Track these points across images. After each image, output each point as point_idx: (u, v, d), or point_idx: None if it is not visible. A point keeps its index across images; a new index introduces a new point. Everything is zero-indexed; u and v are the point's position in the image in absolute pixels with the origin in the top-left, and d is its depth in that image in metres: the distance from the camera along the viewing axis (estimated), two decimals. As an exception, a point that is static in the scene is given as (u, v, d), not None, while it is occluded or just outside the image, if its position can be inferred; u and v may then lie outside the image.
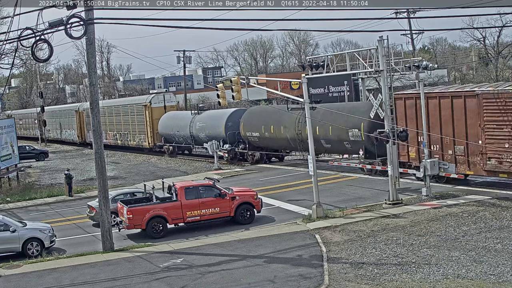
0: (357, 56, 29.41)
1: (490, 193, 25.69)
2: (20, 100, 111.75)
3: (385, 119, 25.50)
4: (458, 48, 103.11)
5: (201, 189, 24.66)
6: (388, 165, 25.58)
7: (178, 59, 71.89)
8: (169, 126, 51.87)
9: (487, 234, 19.75)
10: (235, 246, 21.08)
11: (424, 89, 28.26)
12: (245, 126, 42.41)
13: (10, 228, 22.57)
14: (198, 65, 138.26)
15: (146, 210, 23.88)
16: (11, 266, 20.78)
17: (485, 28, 73.30)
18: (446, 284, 15.48)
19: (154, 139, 54.06)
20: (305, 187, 30.44)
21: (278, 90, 34.81)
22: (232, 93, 27.41)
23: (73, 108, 72.67)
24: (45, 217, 29.38)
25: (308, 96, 25.20)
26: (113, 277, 18.62)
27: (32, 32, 19.76)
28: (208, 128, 45.60)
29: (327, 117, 33.40)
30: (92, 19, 20.79)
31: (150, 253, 21.14)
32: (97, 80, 22.31)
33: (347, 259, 18.44)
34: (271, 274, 17.48)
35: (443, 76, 78.47)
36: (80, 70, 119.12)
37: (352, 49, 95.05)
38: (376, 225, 22.14)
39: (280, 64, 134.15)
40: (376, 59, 26.23)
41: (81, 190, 37.14)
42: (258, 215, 25.40)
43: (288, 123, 38.13)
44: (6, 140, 40.10)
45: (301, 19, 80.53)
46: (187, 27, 22.45)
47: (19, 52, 40.62)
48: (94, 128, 22.18)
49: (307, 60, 32.10)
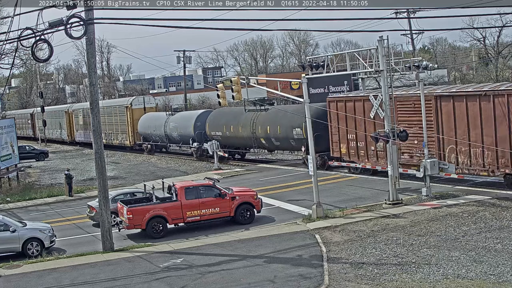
0: (357, 56, 29.41)
1: (490, 193, 25.69)
2: (20, 100, 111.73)
3: (385, 119, 25.52)
4: (458, 48, 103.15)
5: (201, 189, 24.66)
6: (388, 165, 25.59)
7: (178, 59, 71.94)
8: (147, 126, 55.81)
9: (487, 234, 19.75)
10: (235, 246, 21.08)
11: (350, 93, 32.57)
12: (210, 126, 46.36)
13: (10, 228, 22.57)
14: (198, 65, 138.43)
15: (146, 210, 23.88)
16: (11, 266, 20.78)
17: (485, 28, 73.41)
18: (446, 284, 15.48)
19: (135, 138, 58.06)
20: (305, 187, 30.45)
21: (278, 90, 34.82)
22: (232, 93, 27.41)
23: (63, 109, 75.90)
24: (45, 217, 29.39)
25: (308, 96, 25.21)
26: (113, 277, 18.63)
27: (32, 32, 19.76)
28: (179, 128, 49.83)
29: (278, 117, 37.78)
30: (92, 19, 20.79)
31: (150, 253, 21.14)
32: (97, 80, 22.29)
33: (347, 259, 18.44)
34: (271, 274, 17.48)
35: (443, 76, 78.44)
36: (80, 70, 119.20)
37: (352, 49, 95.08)
38: (376, 225, 22.15)
39: (280, 64, 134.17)
40: (376, 59, 26.23)
41: (81, 190, 37.14)
42: (258, 215, 25.40)
43: (244, 123, 42.35)
44: (6, 140, 40.10)
45: (301, 19, 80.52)
46: (187, 27, 22.47)
47: (19, 52, 40.68)
48: (94, 128, 22.15)
49: (307, 60, 32.11)
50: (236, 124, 43.38)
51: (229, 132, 44.05)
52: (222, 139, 44.98)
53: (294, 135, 37.23)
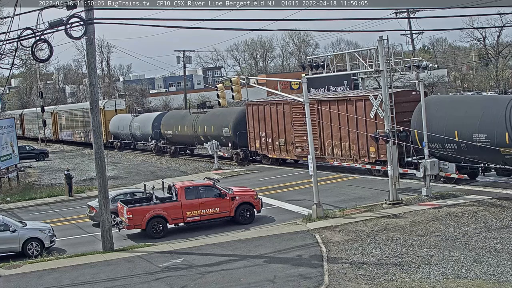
0: (357, 56, 29.41)
1: (490, 193, 25.69)
2: (20, 100, 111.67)
3: (385, 119, 25.53)
4: (458, 48, 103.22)
5: (201, 189, 24.66)
6: (388, 165, 25.59)
7: (178, 59, 72.03)
8: (117, 126, 62.49)
9: (487, 234, 19.75)
10: (235, 246, 21.08)
11: (261, 98, 40.05)
12: (164, 126, 53.40)
13: (10, 228, 22.56)
14: (198, 65, 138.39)
15: (146, 210, 23.88)
16: (11, 266, 20.78)
17: (485, 28, 73.50)
18: (446, 284, 15.48)
19: (107, 137, 63.42)
20: (305, 187, 30.45)
21: (278, 90, 34.94)
22: (232, 93, 27.42)
23: (49, 110, 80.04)
24: (45, 217, 29.39)
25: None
26: (113, 277, 18.63)
27: (32, 32, 19.74)
28: (141, 128, 57.00)
29: (213, 119, 45.75)
30: (92, 19, 20.78)
31: (150, 253, 21.14)
32: (97, 80, 22.29)
33: (347, 259, 18.44)
34: (271, 274, 17.48)
35: (443, 76, 78.43)
36: (80, 70, 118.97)
37: (352, 49, 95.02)
38: (376, 225, 22.14)
39: (280, 64, 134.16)
40: (376, 59, 26.23)
41: (81, 190, 37.13)
42: (258, 215, 25.39)
43: (188, 124, 48.98)
44: (6, 140, 40.09)
45: (301, 19, 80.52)
46: (187, 27, 22.47)
47: (19, 52, 40.69)
48: (94, 128, 22.16)
49: (307, 60, 32.12)
50: (182, 124, 50.17)
51: (178, 131, 50.97)
52: (173, 137, 52.36)
53: (224, 133, 43.98)
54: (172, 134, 52.31)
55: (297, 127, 36.95)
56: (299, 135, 36.85)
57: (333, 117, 33.91)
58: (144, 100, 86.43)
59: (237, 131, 42.63)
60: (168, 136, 53.02)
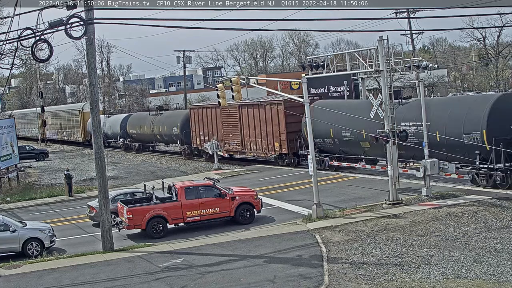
0: (357, 56, 29.39)
1: (490, 193, 25.68)
2: (20, 100, 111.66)
3: (385, 119, 25.52)
4: (458, 48, 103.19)
5: (201, 189, 24.66)
6: (388, 165, 25.59)
7: (178, 59, 72.01)
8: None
9: (487, 234, 19.75)
10: (235, 246, 21.08)
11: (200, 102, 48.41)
12: (129, 125, 61.42)
13: (10, 228, 22.56)
14: (198, 65, 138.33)
15: (146, 210, 23.88)
16: (11, 266, 20.78)
17: (485, 28, 73.41)
18: (446, 284, 15.48)
19: (85, 136, 69.66)
20: (305, 187, 30.45)
21: (278, 90, 35.00)
22: (232, 93, 27.41)
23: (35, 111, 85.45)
24: (45, 217, 29.39)
25: (308, 96, 25.19)
26: (113, 277, 18.63)
27: (32, 32, 19.75)
28: (111, 128, 65.01)
29: (166, 120, 53.54)
30: (92, 19, 20.78)
31: (150, 253, 21.14)
32: (97, 80, 22.28)
33: (347, 259, 18.44)
34: (271, 274, 17.48)
35: (443, 76, 78.42)
36: (80, 70, 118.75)
37: (352, 49, 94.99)
38: (376, 225, 22.14)
39: (280, 64, 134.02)
40: (376, 59, 26.22)
41: (81, 190, 37.14)
42: (258, 215, 25.39)
43: (148, 124, 56.52)
44: (6, 140, 40.11)
45: (301, 19, 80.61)
46: (187, 27, 22.48)
47: (19, 52, 40.65)
48: (94, 128, 22.12)
49: (307, 60, 32.10)
50: (143, 124, 57.83)
51: (140, 130, 58.88)
52: (137, 136, 60.34)
53: (174, 132, 51.91)
54: (135, 133, 60.03)
55: (225, 127, 44.69)
56: (226, 134, 44.66)
57: (250, 118, 41.62)
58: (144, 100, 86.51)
59: (183, 130, 50.28)
60: (132, 135, 60.95)
